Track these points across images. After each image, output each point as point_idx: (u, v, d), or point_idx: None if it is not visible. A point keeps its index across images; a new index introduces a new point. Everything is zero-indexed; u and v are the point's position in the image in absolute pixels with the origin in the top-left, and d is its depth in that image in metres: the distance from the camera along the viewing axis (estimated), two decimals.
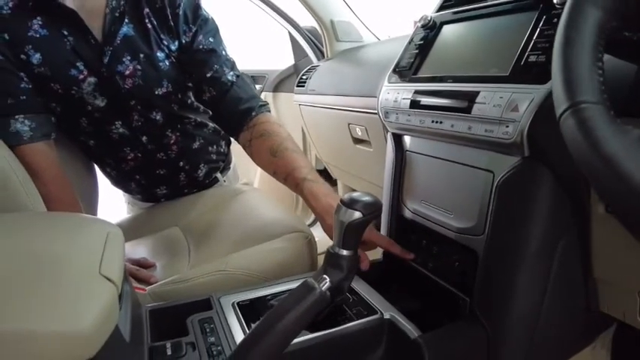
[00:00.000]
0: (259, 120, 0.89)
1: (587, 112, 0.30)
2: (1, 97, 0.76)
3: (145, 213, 1.11)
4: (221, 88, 0.89)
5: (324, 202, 0.74)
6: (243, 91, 0.90)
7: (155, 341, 0.55)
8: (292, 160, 0.81)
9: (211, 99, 0.91)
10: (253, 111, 0.89)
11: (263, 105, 0.92)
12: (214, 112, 0.96)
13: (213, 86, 0.89)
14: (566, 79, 0.32)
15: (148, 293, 0.74)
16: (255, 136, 0.87)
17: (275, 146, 0.84)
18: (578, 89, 0.31)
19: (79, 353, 0.34)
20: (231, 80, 0.89)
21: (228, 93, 0.89)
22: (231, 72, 0.90)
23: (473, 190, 0.59)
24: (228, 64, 0.91)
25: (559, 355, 0.63)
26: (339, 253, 0.57)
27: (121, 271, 0.46)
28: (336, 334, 0.57)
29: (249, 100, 0.90)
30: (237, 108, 0.89)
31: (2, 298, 0.35)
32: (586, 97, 0.30)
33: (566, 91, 0.31)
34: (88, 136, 0.93)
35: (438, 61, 0.67)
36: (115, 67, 0.83)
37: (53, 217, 0.57)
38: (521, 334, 0.56)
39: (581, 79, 0.31)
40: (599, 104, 0.30)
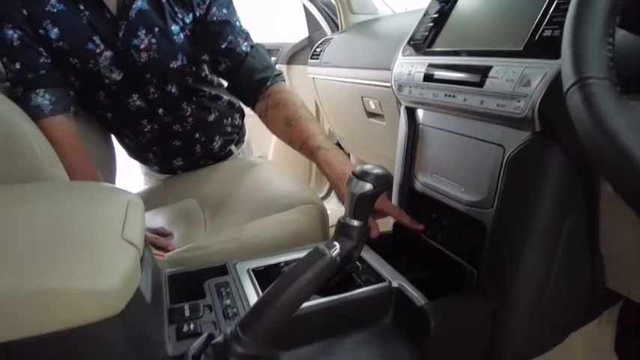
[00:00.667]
0: (274, 89, 0.90)
1: (593, 88, 0.30)
2: (22, 71, 0.79)
3: (162, 184, 1.14)
4: (236, 58, 0.90)
5: (338, 170, 0.75)
6: (258, 61, 0.91)
7: (174, 303, 0.58)
8: (306, 128, 0.82)
9: (227, 70, 0.92)
10: (268, 80, 0.90)
11: (278, 74, 0.93)
12: (230, 83, 0.97)
13: (229, 57, 0.90)
14: (575, 54, 0.32)
15: (166, 260, 0.77)
16: (271, 106, 0.89)
17: (290, 115, 0.85)
18: (586, 65, 0.31)
19: (106, 310, 0.37)
20: (246, 51, 0.90)
21: (243, 63, 0.90)
22: (246, 42, 0.91)
23: (483, 164, 0.59)
24: (242, 35, 0.91)
25: (563, 328, 0.64)
26: (349, 224, 0.58)
27: (142, 236, 0.48)
28: (346, 299, 0.60)
29: (264, 70, 0.90)
30: (252, 78, 0.90)
31: (35, 260, 0.38)
32: (593, 73, 0.30)
33: (574, 67, 0.31)
34: (106, 109, 0.95)
35: (453, 34, 0.67)
36: (130, 41, 0.84)
37: (76, 186, 0.60)
38: (526, 306, 0.58)
39: (590, 54, 0.31)
40: (606, 80, 0.30)
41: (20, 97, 0.79)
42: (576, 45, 0.32)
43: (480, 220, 0.61)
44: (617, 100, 0.29)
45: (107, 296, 0.37)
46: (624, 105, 0.29)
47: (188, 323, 0.53)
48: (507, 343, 0.59)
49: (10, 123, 0.56)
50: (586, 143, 0.31)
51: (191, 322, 0.53)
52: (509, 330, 0.59)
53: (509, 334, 0.58)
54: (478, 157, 0.60)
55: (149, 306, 0.48)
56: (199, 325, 0.53)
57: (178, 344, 0.50)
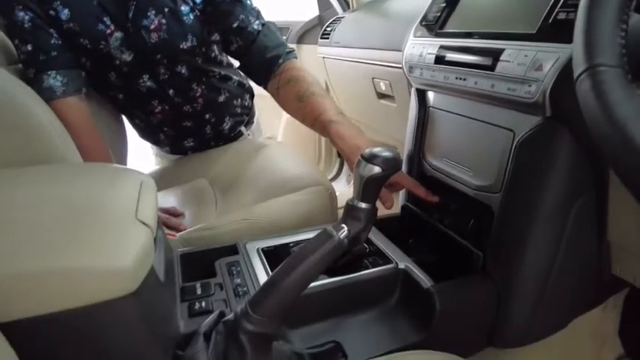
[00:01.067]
0: (286, 67, 0.89)
1: (603, 75, 0.30)
2: (33, 53, 0.79)
3: (173, 165, 1.16)
4: (247, 37, 0.89)
5: (351, 144, 0.74)
6: (270, 40, 0.90)
7: (186, 282, 0.60)
8: (318, 104, 0.81)
9: (238, 49, 0.91)
10: (280, 58, 0.89)
11: (290, 52, 0.92)
12: (242, 62, 0.96)
13: (240, 36, 0.89)
14: (587, 41, 0.31)
15: (178, 239, 0.79)
16: (282, 84, 0.88)
17: (302, 92, 0.84)
18: (597, 52, 0.30)
19: (121, 288, 0.39)
20: (258, 29, 0.89)
21: (255, 42, 0.89)
22: (257, 21, 0.90)
23: (493, 148, 0.59)
24: (253, 13, 0.90)
25: (567, 314, 0.65)
26: (357, 206, 0.59)
27: (155, 217, 0.50)
28: (353, 280, 0.61)
29: (275, 48, 0.90)
30: (264, 57, 0.89)
31: (52, 240, 0.39)
32: (604, 60, 0.30)
33: (585, 53, 0.31)
34: (117, 90, 0.96)
35: (466, 15, 0.65)
36: (140, 21, 0.84)
37: (90, 167, 0.61)
38: (530, 290, 0.58)
39: (602, 41, 0.30)
40: (616, 68, 0.30)
41: (33, 78, 0.80)
42: (588, 31, 0.31)
43: (487, 204, 0.61)
44: (627, 89, 0.29)
45: (122, 275, 0.39)
46: (634, 94, 0.29)
47: (200, 301, 0.55)
48: (511, 326, 0.60)
49: (25, 105, 0.57)
50: (593, 131, 0.31)
51: (202, 300, 0.55)
52: (513, 313, 0.59)
53: (513, 317, 0.59)
54: (487, 141, 0.60)
55: (162, 284, 0.50)
56: (211, 303, 0.55)
57: (190, 321, 0.52)
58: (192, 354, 0.44)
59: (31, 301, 0.36)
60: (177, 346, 0.46)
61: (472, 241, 0.64)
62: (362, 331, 0.58)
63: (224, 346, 0.46)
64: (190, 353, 0.44)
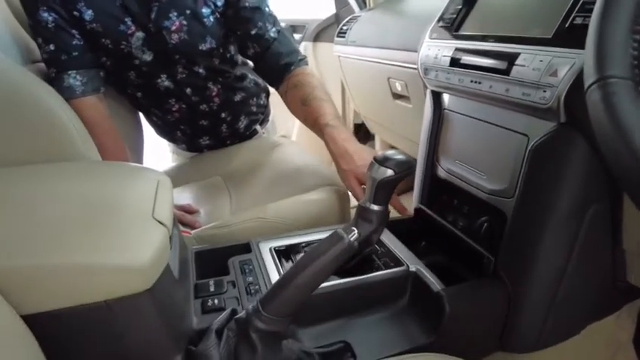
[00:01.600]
0: (295, 72, 0.94)
1: (613, 87, 0.29)
2: (55, 53, 0.82)
3: (189, 162, 1.18)
4: (264, 44, 0.93)
5: (340, 146, 0.81)
6: (284, 46, 0.94)
7: (200, 279, 0.62)
8: (318, 107, 0.87)
9: (255, 54, 0.95)
10: (293, 65, 0.94)
11: (302, 59, 0.97)
12: (257, 66, 0.99)
13: (257, 43, 0.93)
14: (598, 51, 0.31)
15: (193, 237, 0.81)
16: (290, 87, 0.93)
17: (305, 95, 0.90)
18: (608, 63, 0.30)
19: (138, 284, 0.41)
20: (274, 37, 0.93)
21: (270, 48, 0.93)
22: (274, 28, 0.93)
23: (506, 152, 0.59)
24: (270, 20, 0.93)
25: (580, 321, 0.64)
26: (369, 208, 0.59)
27: (171, 216, 0.51)
28: (364, 281, 0.62)
29: (289, 55, 0.94)
30: (278, 63, 0.93)
31: (72, 237, 0.41)
32: (615, 72, 0.30)
33: (596, 64, 0.31)
34: (136, 88, 0.98)
35: (482, 17, 0.65)
36: (161, 22, 0.86)
37: (108, 165, 0.64)
38: (542, 296, 0.58)
39: (614, 53, 0.30)
40: (627, 80, 0.30)
41: (54, 77, 0.83)
42: (600, 42, 0.31)
43: (500, 208, 0.60)
44: (636, 101, 0.29)
45: (139, 272, 0.40)
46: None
47: (213, 298, 0.56)
48: (521, 331, 0.60)
49: (48, 104, 0.59)
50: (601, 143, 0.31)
51: (215, 297, 0.57)
52: (524, 318, 0.59)
53: (524, 322, 0.59)
54: (501, 146, 0.60)
55: (177, 281, 0.51)
56: (223, 300, 0.57)
57: (203, 318, 0.53)
58: (204, 350, 0.45)
59: (53, 295, 0.38)
60: (190, 341, 0.47)
61: (484, 245, 0.64)
62: (371, 332, 0.59)
63: (235, 343, 0.47)
64: (202, 349, 0.45)
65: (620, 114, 0.29)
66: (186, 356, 0.45)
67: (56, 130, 0.58)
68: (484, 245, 0.64)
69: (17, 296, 0.36)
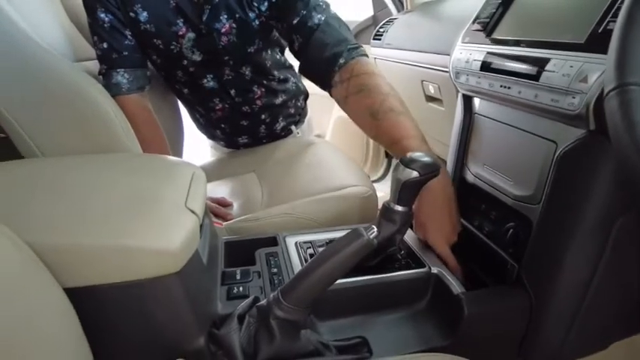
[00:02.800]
0: (355, 71, 0.76)
1: (632, 94, 0.29)
2: (108, 51, 0.88)
3: (227, 158, 1.23)
4: (306, 33, 0.81)
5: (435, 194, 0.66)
6: (330, 35, 0.79)
7: (228, 267, 0.65)
8: (398, 124, 0.69)
9: (299, 47, 0.83)
10: (340, 57, 0.77)
11: (354, 48, 0.79)
12: (303, 63, 0.85)
13: (300, 33, 0.82)
14: (619, 58, 0.31)
15: (225, 228, 0.85)
16: (352, 92, 0.76)
17: (376, 106, 0.72)
18: (628, 70, 0.30)
19: (168, 266, 0.44)
20: (317, 23, 0.80)
21: (312, 38, 0.80)
22: (319, 15, 0.81)
23: (534, 158, 0.58)
24: (318, 9, 0.82)
25: (606, 334, 0.62)
26: (393, 208, 0.61)
27: (202, 206, 0.55)
28: (385, 280, 0.63)
29: (336, 45, 0.78)
30: (322, 54, 0.78)
31: (113, 220, 0.45)
32: (635, 79, 0.30)
33: (617, 70, 0.31)
34: (183, 85, 1.04)
35: (515, 22, 0.64)
36: (212, 24, 0.91)
37: (148, 158, 0.68)
38: (565, 307, 0.57)
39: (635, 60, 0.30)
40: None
41: (104, 74, 0.89)
42: (622, 49, 0.31)
43: (526, 215, 0.60)
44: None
45: (169, 256, 0.44)
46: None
47: (238, 286, 0.59)
48: (543, 341, 0.59)
49: (97, 100, 0.64)
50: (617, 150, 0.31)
51: (240, 285, 0.60)
52: (546, 328, 0.58)
53: (546, 332, 0.58)
54: (529, 151, 0.59)
55: (205, 267, 0.55)
56: (248, 288, 0.60)
57: (227, 303, 0.56)
58: (226, 333, 0.48)
59: (92, 272, 0.42)
60: (213, 324, 0.50)
61: (508, 252, 0.63)
62: (389, 330, 0.60)
63: (255, 329, 0.49)
64: (224, 332, 0.48)
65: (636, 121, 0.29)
66: (209, 338, 0.49)
67: (104, 125, 0.63)
68: (508, 251, 0.63)
69: (61, 270, 0.40)
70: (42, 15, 0.81)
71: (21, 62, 0.64)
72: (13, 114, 0.65)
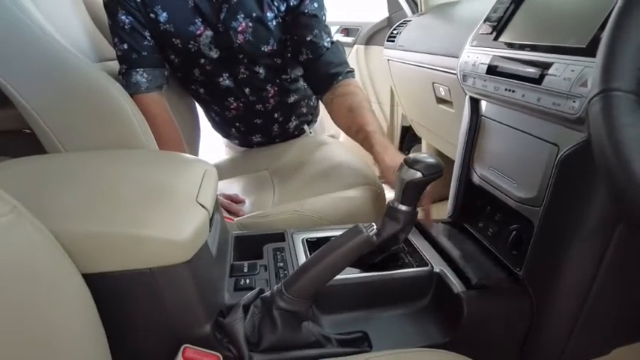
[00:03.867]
0: (343, 82, 0.97)
1: (614, 100, 0.30)
2: (128, 52, 0.92)
3: (241, 156, 1.26)
4: (317, 51, 0.97)
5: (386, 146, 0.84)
6: (336, 57, 0.98)
7: (236, 260, 0.68)
8: (365, 116, 0.90)
9: (307, 60, 0.99)
10: (340, 75, 0.98)
11: (350, 71, 1.00)
12: (306, 72, 1.03)
13: (311, 50, 0.97)
14: (606, 64, 0.32)
15: (236, 223, 0.87)
16: (337, 95, 0.96)
17: (354, 104, 0.93)
18: (613, 76, 0.31)
19: (178, 257, 0.47)
20: (327, 46, 0.97)
21: (323, 56, 0.97)
22: (328, 38, 0.98)
23: (537, 161, 0.59)
24: (326, 31, 0.98)
25: (608, 340, 0.62)
26: (397, 208, 0.62)
27: (213, 201, 0.57)
28: (388, 277, 0.65)
29: (339, 65, 0.98)
30: (328, 71, 0.97)
31: (127, 212, 0.48)
32: (619, 85, 0.30)
33: (602, 76, 0.32)
34: (199, 85, 1.07)
35: (521, 26, 0.65)
36: (230, 23, 0.94)
37: (163, 154, 0.71)
38: (566, 310, 0.58)
39: (621, 66, 0.31)
40: (630, 93, 0.30)
41: (124, 73, 0.93)
42: (608, 54, 0.32)
43: (528, 217, 0.61)
44: (635, 113, 0.30)
45: (179, 246, 0.47)
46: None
47: (245, 278, 0.62)
48: (542, 344, 0.59)
49: (117, 99, 0.68)
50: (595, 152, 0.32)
51: (247, 278, 0.62)
52: (545, 331, 0.59)
53: (545, 335, 0.59)
54: (532, 154, 0.60)
55: (214, 259, 0.57)
56: (254, 280, 0.62)
57: (234, 294, 0.59)
58: (231, 322, 0.51)
59: (108, 259, 0.45)
60: (220, 313, 0.53)
61: (511, 253, 0.64)
62: (390, 326, 0.61)
63: (259, 319, 0.52)
64: (229, 321, 0.51)
65: (616, 125, 0.30)
66: (215, 326, 0.51)
67: (123, 123, 0.67)
68: (511, 252, 0.64)
69: (80, 256, 0.43)
70: (67, 17, 0.85)
71: (46, 63, 0.68)
72: (39, 111, 0.69)
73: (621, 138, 0.29)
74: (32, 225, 0.38)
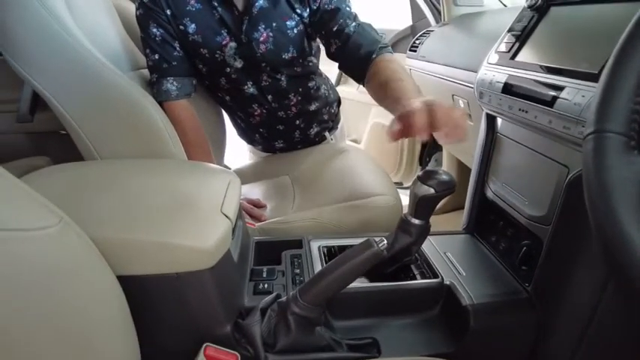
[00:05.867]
0: (376, 60, 0.92)
1: (607, 141, 0.32)
2: (159, 62, 0.97)
3: (263, 161, 1.31)
4: (344, 38, 0.96)
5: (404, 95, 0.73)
6: (364, 37, 0.95)
7: (256, 265, 0.72)
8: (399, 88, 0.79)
9: (337, 50, 0.99)
10: (373, 54, 0.93)
11: (384, 47, 0.95)
12: (341, 63, 1.01)
13: (338, 38, 0.97)
14: (601, 104, 0.33)
15: (257, 228, 0.92)
16: (370, 77, 0.92)
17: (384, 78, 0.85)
18: (608, 116, 0.32)
19: (202, 263, 0.51)
20: (353, 30, 0.96)
21: (350, 41, 0.96)
22: (354, 23, 0.97)
23: (548, 181, 0.60)
24: (351, 17, 0.98)
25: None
26: (410, 221, 0.65)
27: (236, 211, 0.62)
28: (400, 287, 0.67)
29: (369, 45, 0.94)
30: (358, 53, 0.94)
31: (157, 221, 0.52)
32: (612, 126, 0.32)
33: (597, 114, 0.33)
34: (226, 93, 1.12)
35: (538, 47, 0.67)
36: (251, 34, 0.98)
37: (191, 165, 0.76)
38: (571, 329, 0.59)
39: (615, 107, 0.32)
40: (621, 135, 0.32)
41: (154, 82, 0.99)
42: (605, 95, 0.33)
43: (537, 234, 0.62)
44: (623, 155, 0.31)
45: (204, 253, 0.51)
46: (628, 160, 0.31)
47: (264, 283, 0.66)
48: None
49: (148, 110, 0.73)
50: (585, 192, 0.33)
51: (266, 283, 0.66)
52: (551, 349, 0.60)
53: (550, 352, 0.60)
54: (544, 174, 0.61)
55: (235, 265, 0.62)
56: (272, 285, 0.66)
57: (253, 297, 0.63)
58: (249, 324, 0.55)
59: (139, 263, 0.50)
60: (239, 315, 0.57)
61: (520, 268, 0.66)
62: (399, 333, 0.64)
63: (275, 322, 0.56)
64: (247, 323, 0.55)
65: (604, 165, 0.31)
66: (235, 327, 0.55)
67: (154, 133, 0.72)
68: (520, 268, 0.66)
69: (115, 260, 0.48)
70: (104, 30, 0.91)
71: (83, 76, 0.74)
72: (75, 119, 0.75)
73: (608, 179, 0.31)
74: (76, 233, 0.42)
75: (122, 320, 0.48)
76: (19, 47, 0.71)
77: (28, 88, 1.16)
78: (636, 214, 0.30)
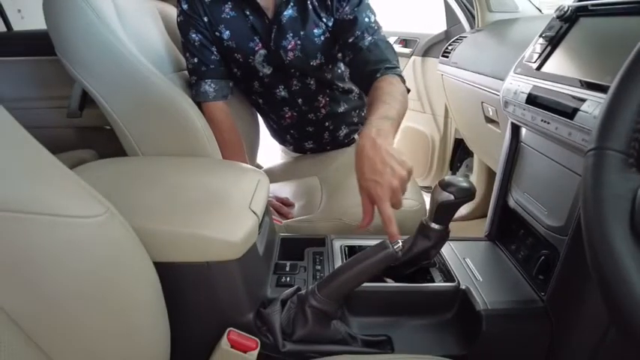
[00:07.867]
0: (380, 79, 0.91)
1: (607, 159, 0.33)
2: (198, 65, 1.04)
3: (294, 161, 1.35)
4: (356, 52, 0.97)
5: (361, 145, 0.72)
6: (374, 55, 0.95)
7: (281, 259, 0.76)
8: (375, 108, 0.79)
9: (350, 61, 1.00)
10: (378, 73, 0.92)
11: (390, 68, 0.93)
12: (350, 73, 1.06)
13: (352, 50, 0.98)
14: (604, 122, 0.35)
15: (283, 225, 0.96)
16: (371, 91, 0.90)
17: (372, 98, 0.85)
18: (610, 134, 0.33)
19: (230, 254, 0.56)
20: (366, 45, 0.96)
21: (359, 55, 0.96)
22: (370, 37, 0.96)
23: (567, 192, 0.61)
24: (369, 30, 0.96)
25: None
26: (429, 226, 0.67)
27: (263, 208, 0.66)
28: (417, 289, 0.70)
29: (376, 64, 0.94)
30: (364, 70, 0.95)
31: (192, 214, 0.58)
32: (612, 144, 0.33)
33: (600, 132, 0.34)
34: (258, 96, 1.18)
35: (563, 58, 0.67)
36: (280, 42, 1.03)
37: (225, 164, 0.82)
38: (584, 342, 0.59)
39: (618, 125, 0.33)
40: (621, 154, 0.33)
41: (193, 84, 1.05)
42: (609, 112, 0.35)
43: (554, 245, 0.63)
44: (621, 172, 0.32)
45: (232, 246, 0.56)
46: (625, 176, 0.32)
47: (286, 276, 0.70)
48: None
49: (187, 112, 0.79)
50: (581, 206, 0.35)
51: (288, 276, 0.70)
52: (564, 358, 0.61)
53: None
54: (563, 184, 0.62)
55: (261, 258, 0.66)
56: (294, 279, 0.70)
57: (275, 289, 0.67)
58: (270, 313, 0.59)
59: (174, 251, 0.55)
60: (262, 304, 0.62)
61: (536, 277, 0.67)
62: (413, 334, 0.66)
63: (294, 313, 0.60)
64: (268, 312, 0.59)
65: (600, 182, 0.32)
66: (257, 315, 0.60)
67: (192, 133, 0.78)
68: (536, 277, 0.67)
69: (153, 248, 0.53)
70: (150, 35, 0.99)
71: (129, 79, 0.80)
72: (121, 117, 0.82)
73: (603, 195, 0.32)
74: (120, 223, 0.48)
75: (157, 302, 0.53)
76: (72, 50, 0.78)
77: (78, 86, 1.25)
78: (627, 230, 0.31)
